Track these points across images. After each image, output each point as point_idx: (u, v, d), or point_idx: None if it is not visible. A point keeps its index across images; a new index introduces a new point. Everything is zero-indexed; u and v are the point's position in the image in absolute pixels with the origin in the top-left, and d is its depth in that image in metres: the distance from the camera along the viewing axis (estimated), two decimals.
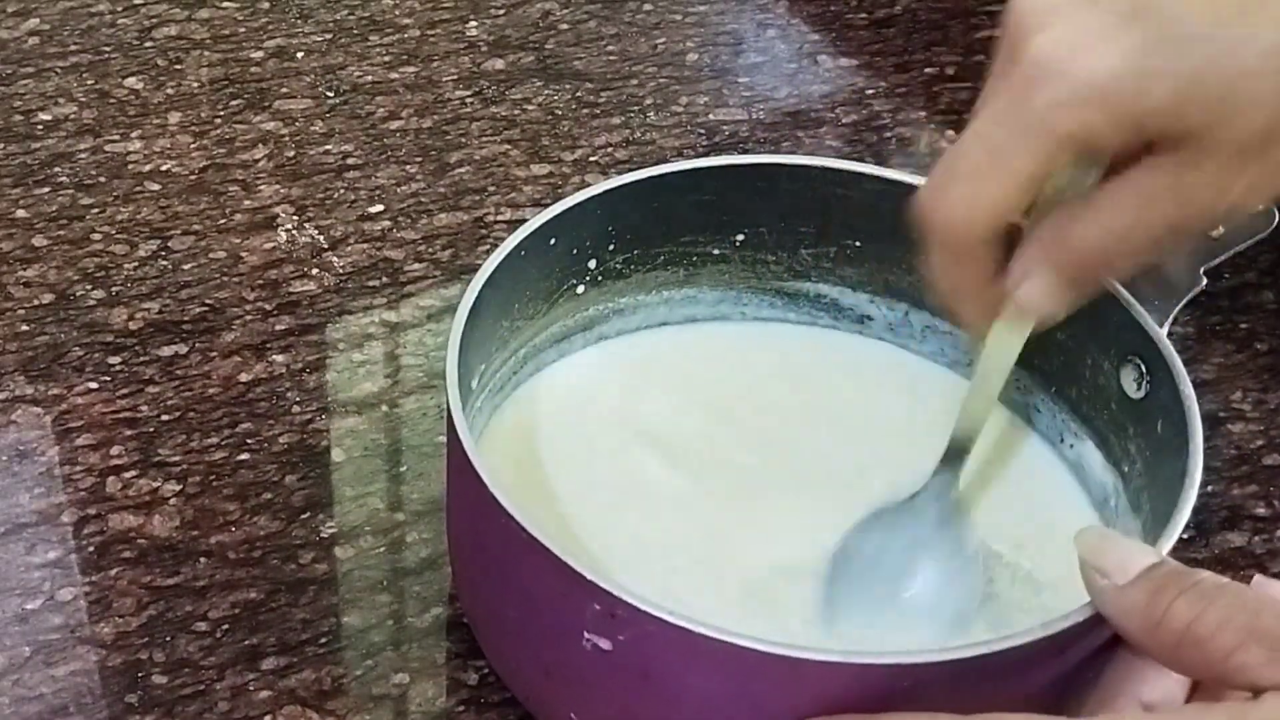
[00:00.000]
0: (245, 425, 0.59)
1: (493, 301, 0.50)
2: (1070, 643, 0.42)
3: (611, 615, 0.41)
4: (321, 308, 0.64)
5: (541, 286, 0.54)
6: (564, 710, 0.46)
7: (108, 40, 0.77)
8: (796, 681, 0.41)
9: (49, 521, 0.55)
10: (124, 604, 0.52)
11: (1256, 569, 0.56)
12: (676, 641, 0.40)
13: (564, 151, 0.72)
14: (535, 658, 0.46)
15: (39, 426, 0.58)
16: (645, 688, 0.43)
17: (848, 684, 0.41)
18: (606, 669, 0.43)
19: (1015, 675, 0.42)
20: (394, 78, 0.76)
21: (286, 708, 0.50)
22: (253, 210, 0.68)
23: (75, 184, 0.69)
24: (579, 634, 0.42)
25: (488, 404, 0.53)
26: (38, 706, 0.50)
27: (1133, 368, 0.50)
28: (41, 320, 0.62)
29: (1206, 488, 0.58)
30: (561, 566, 0.41)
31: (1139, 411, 0.50)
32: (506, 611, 0.46)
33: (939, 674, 0.41)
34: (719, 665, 0.41)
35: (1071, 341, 0.52)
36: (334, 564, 0.54)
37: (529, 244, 0.51)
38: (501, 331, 0.53)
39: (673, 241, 0.56)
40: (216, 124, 0.72)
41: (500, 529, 0.43)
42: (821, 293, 0.58)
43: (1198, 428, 0.46)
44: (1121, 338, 0.50)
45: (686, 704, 0.42)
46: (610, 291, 0.56)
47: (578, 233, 0.53)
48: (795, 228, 0.56)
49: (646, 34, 0.80)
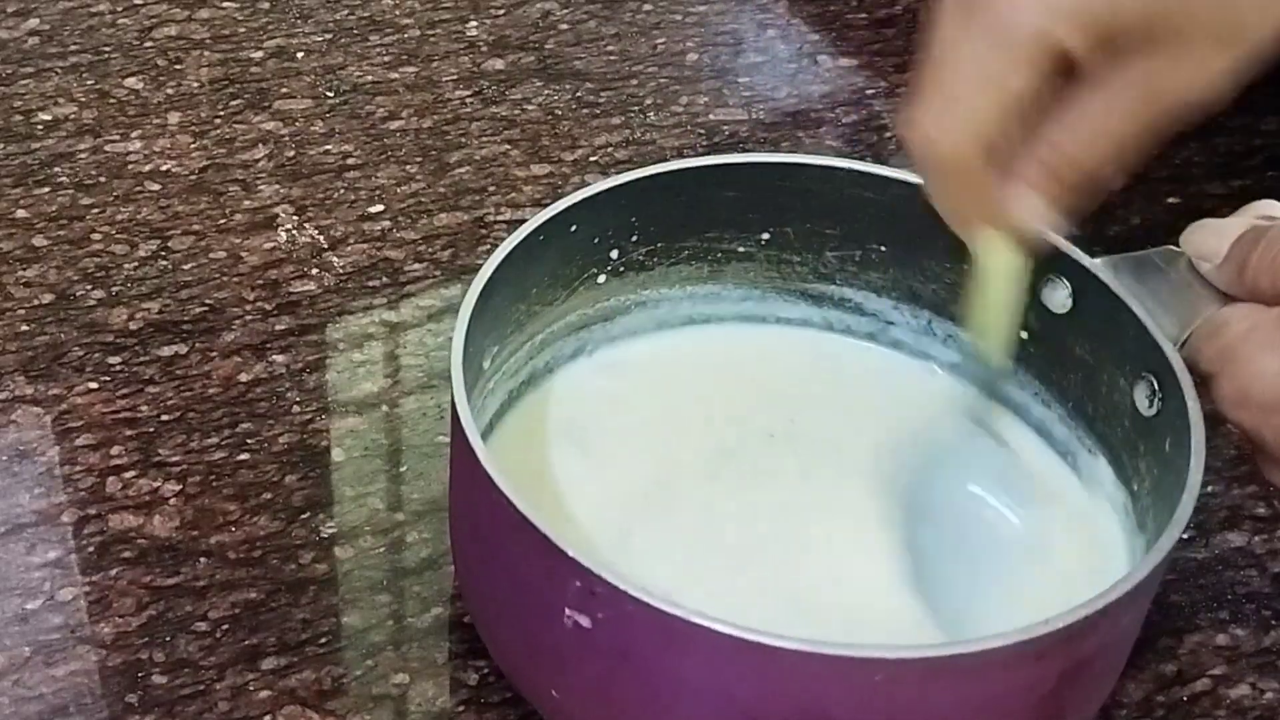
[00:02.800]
0: (245, 425, 0.59)
1: (509, 282, 0.50)
2: (1048, 649, 0.42)
3: (591, 593, 0.41)
4: (321, 308, 0.64)
5: (561, 273, 0.54)
6: (547, 688, 0.46)
7: (108, 40, 0.77)
8: (771, 669, 0.41)
9: (49, 521, 0.55)
10: (124, 604, 0.52)
11: (1256, 569, 0.56)
12: (653, 622, 0.41)
13: (564, 151, 0.72)
14: (523, 635, 0.46)
15: (39, 426, 0.58)
16: (624, 667, 0.43)
17: (821, 673, 0.41)
18: (587, 647, 0.43)
19: (990, 676, 0.42)
20: (394, 78, 0.76)
21: (286, 708, 0.50)
22: (253, 210, 0.68)
23: (75, 184, 0.69)
24: (561, 611, 0.42)
25: (501, 386, 0.53)
26: (38, 706, 0.50)
27: (1145, 384, 0.49)
28: (41, 320, 0.62)
29: (1206, 488, 0.58)
30: (546, 543, 0.42)
31: (1150, 429, 0.49)
32: (498, 589, 0.47)
33: (912, 670, 0.41)
34: (695, 648, 0.41)
35: (1090, 357, 0.52)
36: (334, 564, 0.54)
37: (548, 229, 0.51)
38: (518, 315, 0.53)
39: (697, 236, 0.55)
40: (216, 124, 0.72)
41: (492, 504, 0.43)
42: (846, 296, 0.57)
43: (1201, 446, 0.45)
44: (1136, 354, 0.49)
45: (663, 685, 0.43)
46: (632, 283, 0.56)
47: (599, 221, 0.53)
48: (821, 229, 0.55)
49: (646, 34, 0.80)
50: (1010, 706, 0.44)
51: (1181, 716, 0.51)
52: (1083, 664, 0.44)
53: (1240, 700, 0.52)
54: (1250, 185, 0.73)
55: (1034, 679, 0.43)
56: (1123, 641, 0.47)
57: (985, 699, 0.43)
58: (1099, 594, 0.42)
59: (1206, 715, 0.52)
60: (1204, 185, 0.72)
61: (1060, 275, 0.52)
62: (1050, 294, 0.52)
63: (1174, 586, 0.55)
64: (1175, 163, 0.74)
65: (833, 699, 0.41)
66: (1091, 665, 0.45)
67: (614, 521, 0.51)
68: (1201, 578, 0.55)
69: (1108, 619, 0.43)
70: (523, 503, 0.42)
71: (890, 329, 0.57)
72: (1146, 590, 0.44)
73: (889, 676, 0.41)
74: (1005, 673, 0.42)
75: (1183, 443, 0.46)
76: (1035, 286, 0.52)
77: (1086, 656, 0.44)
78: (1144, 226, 0.70)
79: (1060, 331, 0.53)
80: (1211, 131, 0.76)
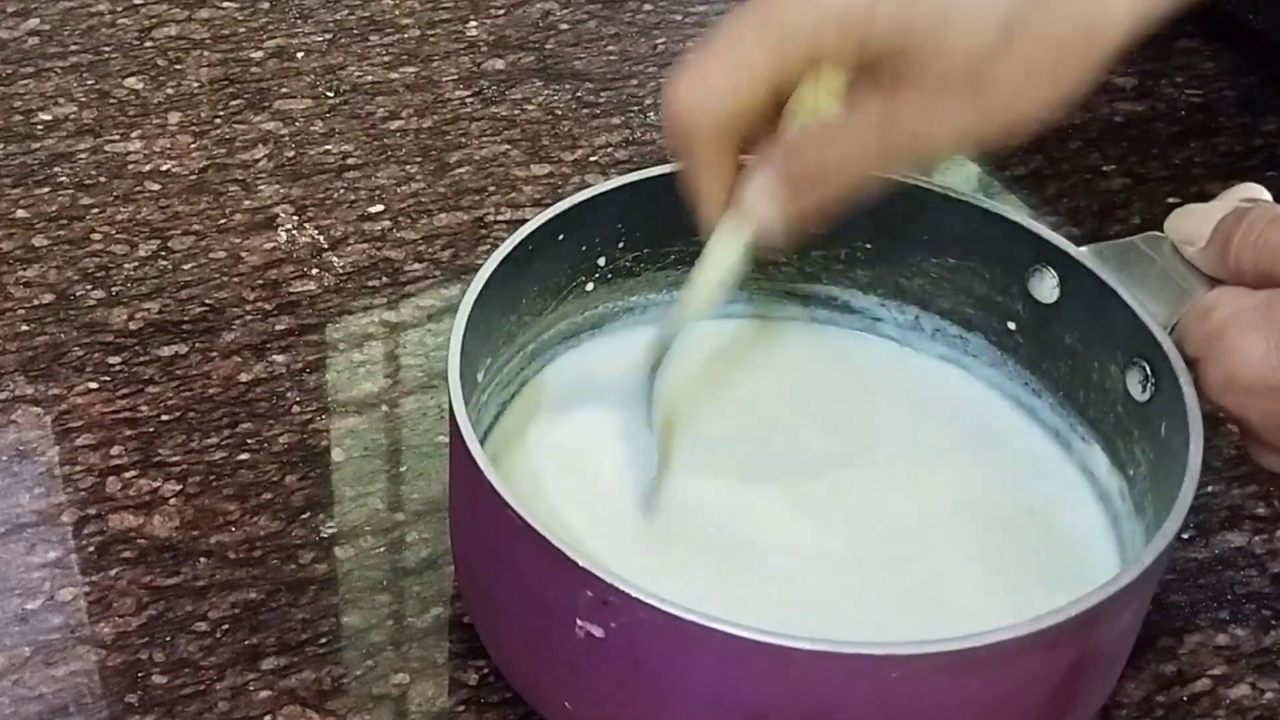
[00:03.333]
0: (245, 425, 0.59)
1: (499, 295, 0.50)
2: (1060, 638, 0.42)
3: (604, 602, 0.41)
4: (321, 308, 0.64)
5: (550, 283, 0.54)
6: (559, 699, 0.46)
7: (108, 40, 0.77)
8: (785, 670, 0.41)
9: (49, 521, 0.55)
10: (124, 604, 0.52)
11: (1256, 569, 0.56)
12: (666, 628, 0.41)
13: (564, 151, 0.72)
14: (531, 647, 0.46)
15: (39, 426, 0.58)
16: (637, 676, 0.43)
17: (836, 673, 0.41)
18: (599, 657, 0.43)
19: (1004, 668, 0.42)
20: (394, 78, 0.76)
21: (286, 708, 0.50)
22: (253, 210, 0.68)
23: (75, 184, 0.69)
24: (572, 622, 0.42)
25: (494, 399, 0.53)
26: (38, 706, 0.50)
27: (1138, 370, 0.50)
28: (41, 320, 0.62)
29: (1206, 488, 0.58)
30: (555, 553, 0.42)
31: (1144, 414, 0.50)
32: (504, 601, 0.47)
33: (926, 665, 0.41)
34: (709, 653, 0.41)
35: (1080, 345, 0.52)
36: (334, 564, 0.54)
37: (536, 239, 0.51)
38: (509, 326, 0.53)
39: (683, 240, 0.56)
40: (216, 124, 0.72)
41: (497, 516, 0.43)
42: (833, 294, 0.58)
43: (1199, 428, 0.46)
44: (1128, 341, 0.50)
45: (677, 692, 0.43)
46: (620, 289, 0.56)
47: (587, 230, 0.53)
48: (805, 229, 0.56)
49: (646, 34, 0.80)
50: (1024, 699, 0.43)
51: (1181, 716, 0.51)
52: (1093, 652, 0.44)
53: (1240, 700, 0.52)
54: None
55: (1046, 669, 0.43)
56: (1130, 630, 0.47)
57: (999, 691, 0.43)
58: (1109, 580, 0.42)
59: (1206, 715, 0.52)
60: (1204, 185, 0.72)
61: (1047, 265, 0.52)
62: (1038, 284, 0.52)
63: (1174, 586, 0.55)
64: (1175, 163, 0.74)
65: (848, 698, 0.41)
66: (1102, 654, 0.45)
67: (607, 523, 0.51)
68: (1201, 578, 0.55)
69: (1118, 605, 0.43)
70: (528, 514, 0.42)
71: (877, 325, 0.58)
72: (1153, 575, 0.44)
73: (904, 673, 0.41)
74: (1019, 664, 0.42)
75: (1178, 426, 0.46)
76: (1023, 277, 0.52)
77: (1097, 644, 0.44)
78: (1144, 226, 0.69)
79: (1049, 321, 0.53)
80: (1211, 131, 0.76)
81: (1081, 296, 0.51)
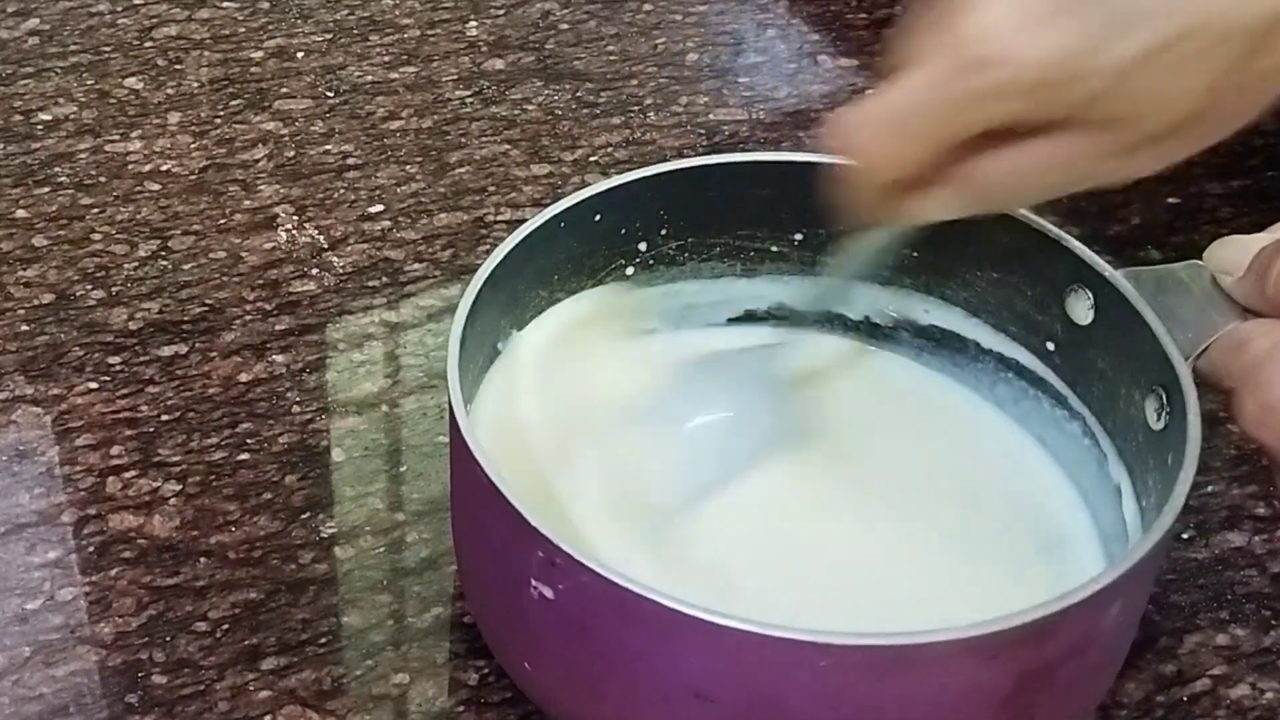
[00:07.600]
0: (245, 425, 0.59)
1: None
2: (1001, 649, 0.42)
3: (552, 563, 0.42)
4: (321, 308, 0.64)
5: (585, 262, 0.54)
6: (519, 659, 0.47)
7: (108, 40, 0.77)
8: (719, 648, 0.41)
9: (49, 521, 0.55)
10: (124, 604, 0.52)
11: (1256, 569, 0.56)
12: (607, 595, 0.41)
13: (564, 151, 0.72)
14: (498, 607, 0.47)
15: (39, 426, 0.58)
16: (583, 640, 0.44)
17: (766, 654, 0.41)
18: (550, 618, 0.44)
19: (939, 672, 0.42)
20: (394, 78, 0.76)
21: (286, 708, 0.50)
22: (253, 210, 0.68)
23: (75, 184, 0.69)
24: (528, 581, 0.43)
25: None
26: (38, 706, 0.50)
27: (1155, 398, 0.49)
28: (41, 320, 0.62)
29: (1206, 488, 0.58)
30: (513, 512, 0.42)
31: (1158, 443, 0.49)
32: (482, 563, 0.47)
33: (856, 657, 0.41)
34: (647, 623, 0.41)
35: (1110, 369, 0.52)
36: (334, 564, 0.54)
37: (568, 216, 0.51)
38: (539, 300, 0.53)
39: (729, 234, 0.55)
40: (216, 124, 0.72)
41: (473, 479, 0.44)
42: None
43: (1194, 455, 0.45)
44: (1150, 368, 0.49)
45: (619, 659, 0.43)
46: (663, 277, 0.56)
47: (624, 213, 0.53)
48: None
49: (646, 34, 0.80)
50: (964, 708, 0.43)
51: (1181, 716, 0.51)
52: (1046, 668, 0.43)
53: (1240, 700, 0.52)
54: (1250, 185, 0.73)
55: (989, 680, 0.42)
56: (1099, 649, 0.46)
57: (935, 696, 0.42)
58: (1057, 596, 0.41)
59: (1206, 715, 0.51)
60: (1204, 185, 0.72)
61: (1083, 285, 0.51)
62: (1074, 305, 0.52)
63: (1174, 586, 0.55)
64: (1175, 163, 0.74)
65: (784, 683, 0.41)
66: (1057, 671, 0.44)
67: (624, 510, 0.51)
68: (1201, 578, 0.55)
69: (1068, 623, 0.42)
70: (494, 473, 0.43)
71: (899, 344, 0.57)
72: (1108, 600, 0.43)
73: (835, 662, 0.41)
74: (955, 670, 0.42)
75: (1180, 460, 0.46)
76: (1060, 296, 0.52)
77: (1050, 661, 0.43)
78: (1144, 226, 0.70)
79: (1083, 343, 0.52)
80: None
81: (1114, 320, 0.51)
